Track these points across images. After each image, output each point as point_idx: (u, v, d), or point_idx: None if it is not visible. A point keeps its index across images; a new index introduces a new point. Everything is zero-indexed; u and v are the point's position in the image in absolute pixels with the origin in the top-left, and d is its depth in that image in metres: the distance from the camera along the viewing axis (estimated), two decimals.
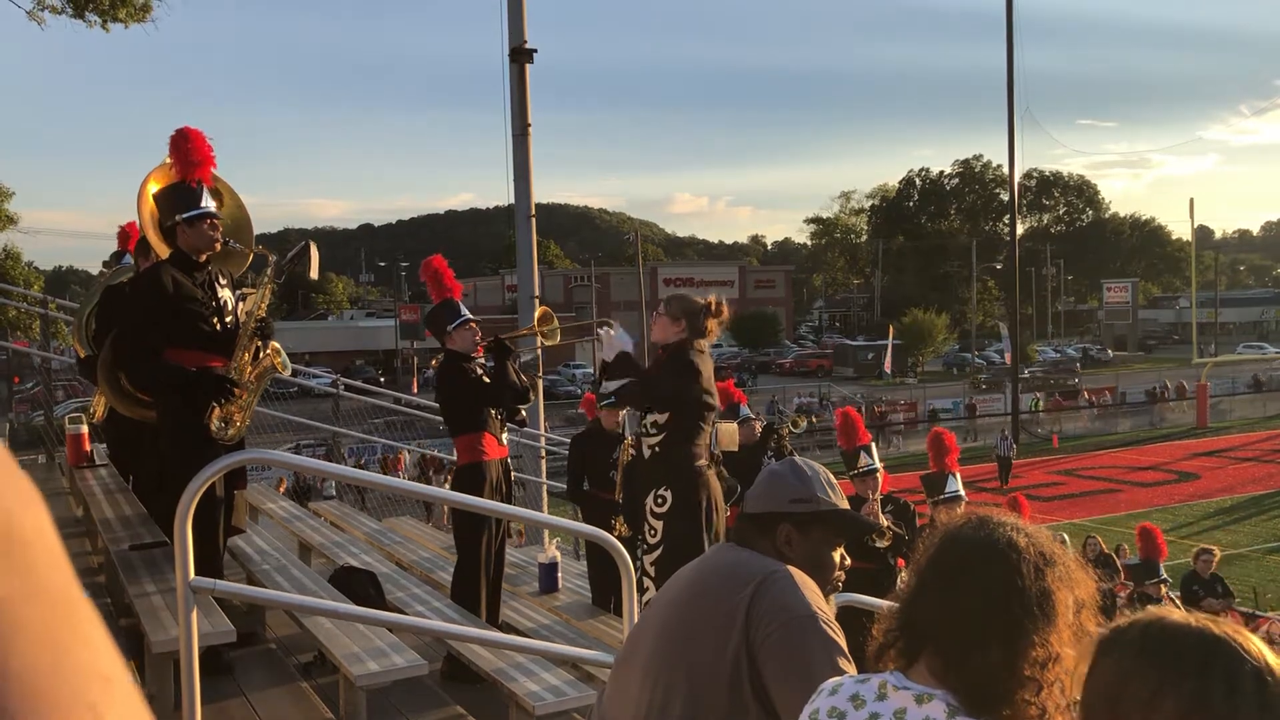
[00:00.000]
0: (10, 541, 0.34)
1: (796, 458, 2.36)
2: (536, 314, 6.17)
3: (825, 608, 2.03)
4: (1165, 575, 8.96)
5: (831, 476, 2.27)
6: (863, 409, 32.49)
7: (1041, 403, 42.01)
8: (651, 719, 2.00)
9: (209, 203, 4.45)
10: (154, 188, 4.57)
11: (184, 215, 4.39)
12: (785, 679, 1.91)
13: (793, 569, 2.07)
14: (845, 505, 2.24)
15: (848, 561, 2.25)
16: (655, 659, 2.06)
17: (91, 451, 7.09)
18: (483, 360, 5.59)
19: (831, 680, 1.64)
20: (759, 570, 2.05)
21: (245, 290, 4.67)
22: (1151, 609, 1.40)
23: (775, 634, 1.94)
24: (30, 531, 0.35)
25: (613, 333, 5.07)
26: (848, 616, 5.95)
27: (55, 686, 0.33)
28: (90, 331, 6.16)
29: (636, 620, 2.37)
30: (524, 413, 6.14)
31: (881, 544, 6.46)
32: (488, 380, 5.46)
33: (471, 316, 5.52)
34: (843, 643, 1.99)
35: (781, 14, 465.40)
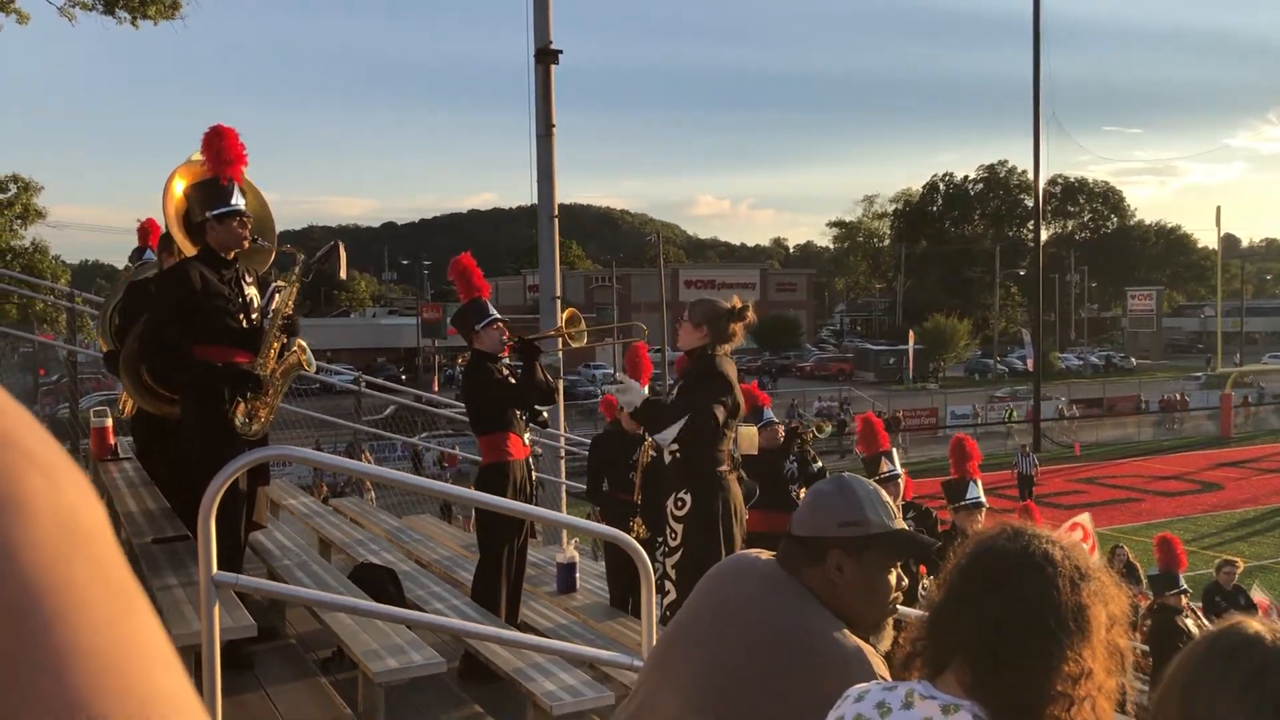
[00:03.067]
0: (77, 531, 0.36)
1: (845, 475, 2.18)
2: (564, 316, 6.15)
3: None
4: (1185, 586, 8.86)
5: (884, 494, 2.12)
6: (886, 415, 32.32)
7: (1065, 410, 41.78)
8: None
9: (239, 200, 4.48)
10: (182, 184, 4.60)
11: (215, 212, 4.41)
12: None
13: (868, 653, 1.94)
14: (900, 524, 2.09)
15: (904, 582, 2.10)
16: (698, 694, 1.97)
17: (116, 445, 7.15)
18: (508, 360, 5.59)
19: (858, 686, 1.63)
20: (831, 654, 1.92)
21: (279, 284, 4.70)
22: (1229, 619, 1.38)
23: None
24: (93, 523, 0.37)
25: (624, 385, 5.09)
26: None
27: (120, 663, 0.35)
28: (114, 326, 6.20)
29: (670, 624, 2.23)
30: (545, 414, 6.14)
31: None
32: (514, 381, 5.46)
33: (500, 316, 5.51)
34: None
35: (804, 17, 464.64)
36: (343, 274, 4.71)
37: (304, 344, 4.64)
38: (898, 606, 2.10)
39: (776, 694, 1.91)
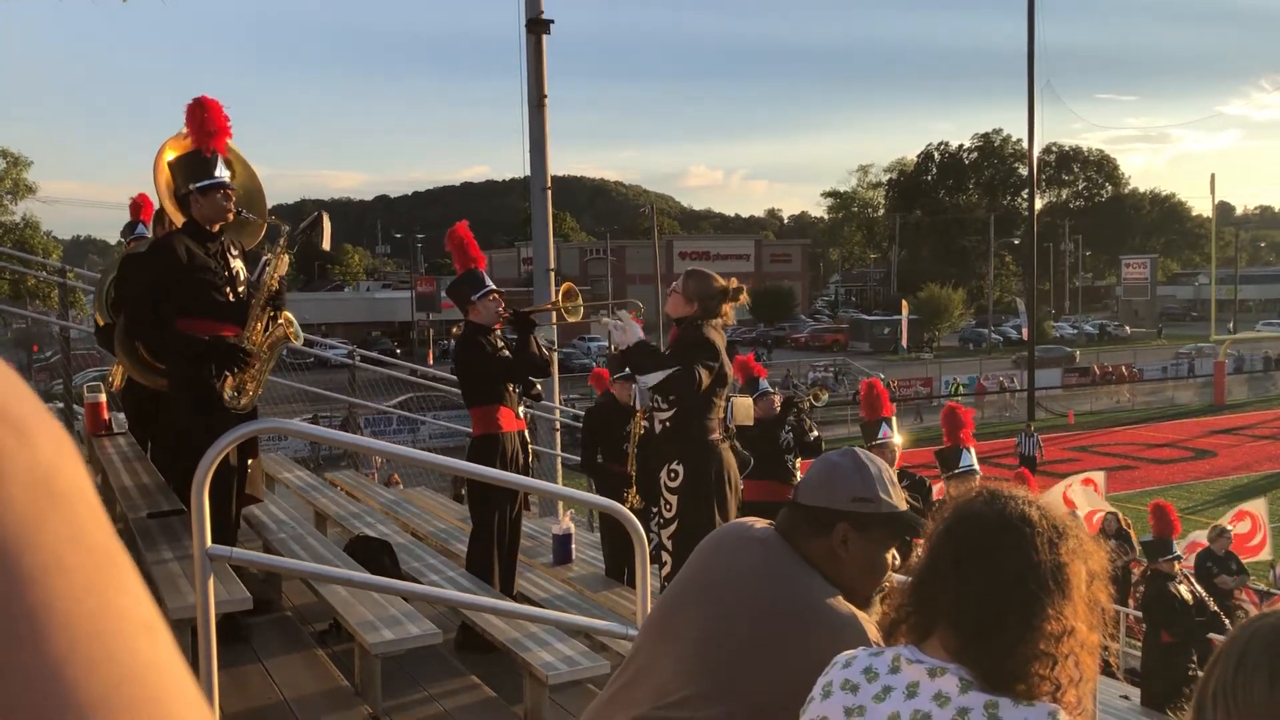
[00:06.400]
0: (53, 492, 0.35)
1: (858, 450, 2.17)
2: (561, 289, 6.12)
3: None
4: (1179, 552, 8.91)
5: (892, 474, 2.13)
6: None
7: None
8: (678, 712, 1.93)
9: (223, 173, 4.45)
10: (170, 156, 4.57)
11: (197, 185, 4.39)
12: None
13: (862, 619, 1.95)
14: (904, 506, 2.10)
15: (898, 561, 2.13)
16: (695, 661, 1.97)
17: (110, 420, 7.14)
18: (500, 333, 5.57)
19: (846, 653, 1.64)
20: (827, 621, 1.94)
21: (267, 256, 4.67)
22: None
23: None
24: (71, 483, 0.36)
25: (623, 323, 5.03)
26: None
27: (99, 630, 0.34)
28: (110, 300, 6.19)
29: (666, 593, 2.22)
30: (540, 387, 6.14)
31: None
32: (508, 353, 5.45)
33: (496, 288, 5.48)
34: None
35: None
36: (327, 245, 4.67)
37: (290, 316, 4.62)
38: (887, 587, 2.11)
39: (773, 661, 1.91)
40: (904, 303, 56.34)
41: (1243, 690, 1.26)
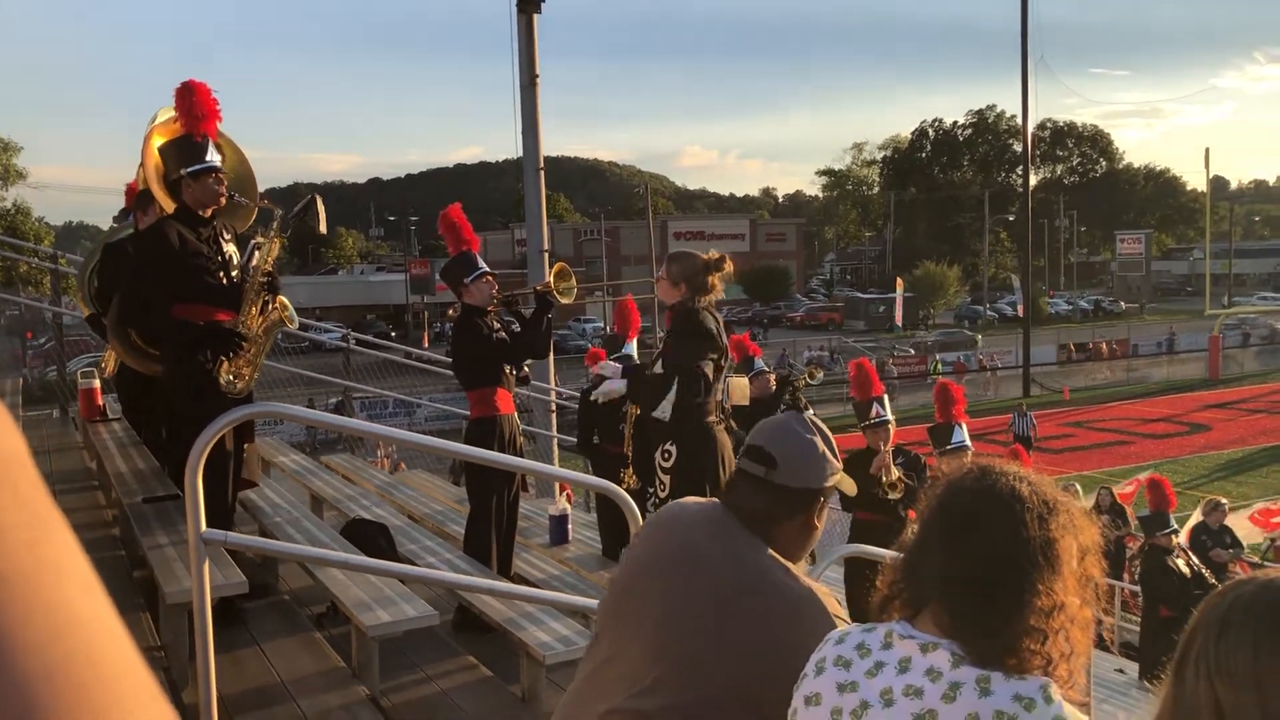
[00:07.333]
0: None
1: (808, 419, 2.19)
2: (553, 270, 6.10)
3: (845, 620, 1.95)
4: (1175, 525, 8.95)
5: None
6: (875, 361, 32.40)
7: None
8: (650, 700, 1.91)
9: (214, 157, 4.43)
10: (159, 142, 4.55)
11: (189, 170, 4.37)
12: None
13: (820, 593, 1.97)
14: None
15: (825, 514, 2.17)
16: (660, 643, 1.96)
17: (104, 406, 7.14)
18: (496, 314, 5.56)
19: (839, 629, 1.65)
20: (786, 598, 1.94)
21: (258, 240, 4.66)
22: (1260, 574, 1.39)
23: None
24: (6, 451, 0.37)
25: (606, 377, 5.09)
26: (859, 567, 5.97)
27: (37, 584, 0.35)
28: (93, 289, 6.15)
29: (619, 578, 2.20)
30: (527, 369, 6.13)
31: (893, 496, 6.49)
32: (504, 335, 5.45)
33: (489, 270, 5.47)
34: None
35: None
36: (322, 228, 4.66)
37: (285, 300, 4.61)
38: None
39: (736, 639, 1.91)
40: (899, 280, 56.31)
41: (1226, 658, 1.27)
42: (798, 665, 1.79)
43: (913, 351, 43.64)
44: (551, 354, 10.25)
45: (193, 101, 4.38)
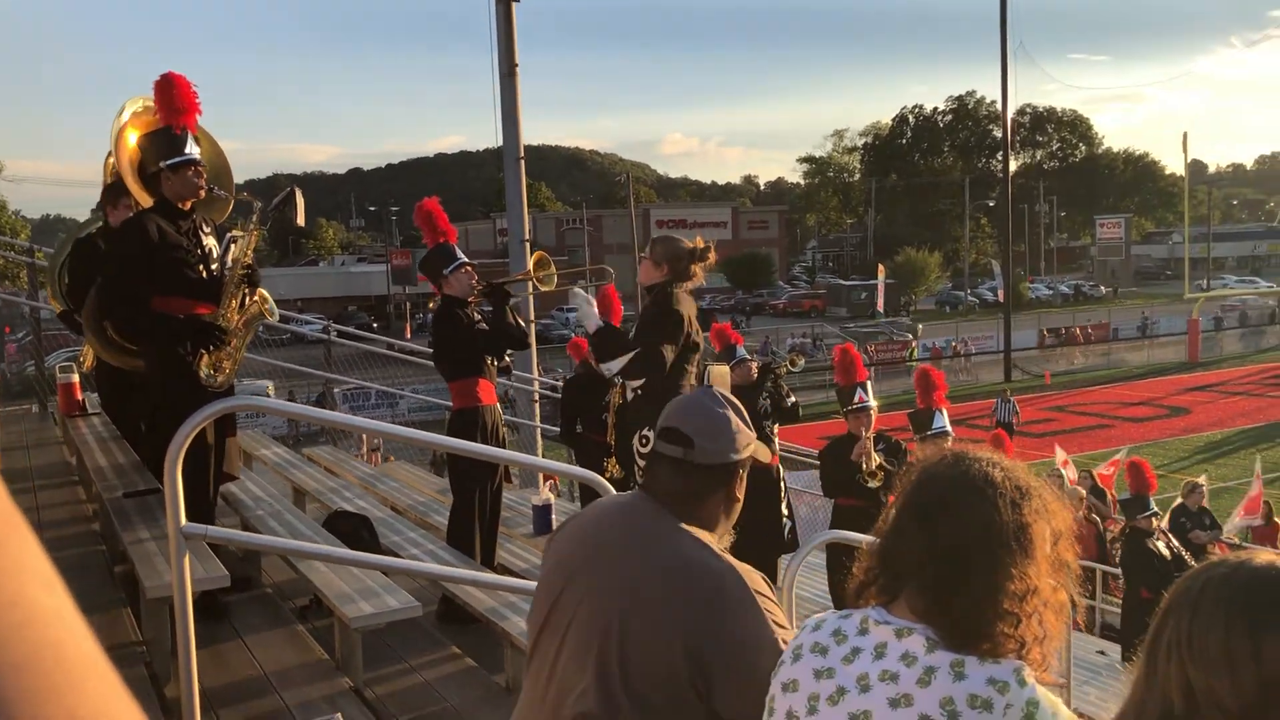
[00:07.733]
0: None
1: (715, 392, 2.15)
2: (532, 259, 6.09)
3: (769, 596, 1.93)
4: (1156, 508, 9.01)
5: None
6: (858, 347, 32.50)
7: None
8: (591, 704, 1.87)
9: (193, 149, 4.39)
10: (134, 134, 4.51)
11: (168, 162, 4.33)
12: (742, 701, 1.80)
13: (741, 570, 1.93)
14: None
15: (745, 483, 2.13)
16: (590, 641, 1.92)
17: (83, 400, 7.09)
18: (477, 305, 5.55)
19: (815, 616, 1.66)
20: (707, 577, 1.90)
21: (235, 234, 4.63)
22: (1232, 555, 1.40)
23: (738, 670, 1.82)
24: None
25: (583, 307, 5.06)
26: (840, 554, 5.99)
27: (1, 585, 0.36)
28: (64, 285, 6.07)
29: (542, 583, 2.13)
30: (509, 360, 6.13)
31: (873, 483, 6.51)
32: (485, 326, 5.43)
33: (468, 260, 5.46)
34: (781, 617, 1.92)
35: None
36: (301, 220, 4.64)
37: (265, 293, 4.59)
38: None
39: (659, 627, 1.87)
40: (881, 267, 56.47)
41: (1199, 640, 1.28)
42: (727, 642, 1.79)
43: (911, 337, 43.53)
44: (534, 343, 10.25)
45: (172, 94, 4.34)
